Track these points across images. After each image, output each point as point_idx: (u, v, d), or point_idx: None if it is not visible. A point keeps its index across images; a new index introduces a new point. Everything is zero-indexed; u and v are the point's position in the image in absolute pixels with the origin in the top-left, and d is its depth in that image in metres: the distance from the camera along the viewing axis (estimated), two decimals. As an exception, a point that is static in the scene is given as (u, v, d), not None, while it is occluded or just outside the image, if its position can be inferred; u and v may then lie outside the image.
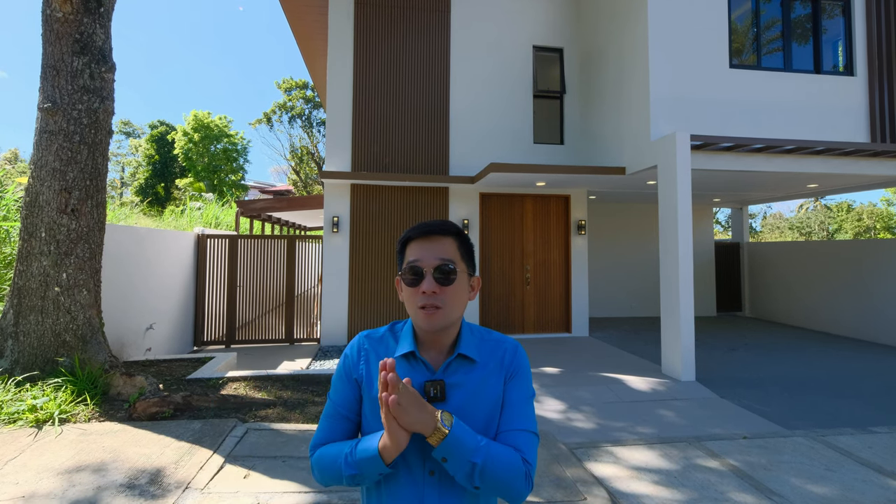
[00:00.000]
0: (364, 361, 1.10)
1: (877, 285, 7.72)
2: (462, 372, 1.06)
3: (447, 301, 1.03)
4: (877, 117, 6.53)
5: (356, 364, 1.10)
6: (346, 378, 1.11)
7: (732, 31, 6.38)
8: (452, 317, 1.05)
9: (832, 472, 3.29)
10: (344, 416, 1.09)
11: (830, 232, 29.90)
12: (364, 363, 1.10)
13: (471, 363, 1.07)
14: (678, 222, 5.30)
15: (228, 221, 12.06)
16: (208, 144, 27.04)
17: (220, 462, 3.03)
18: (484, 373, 1.08)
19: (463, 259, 1.08)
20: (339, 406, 1.10)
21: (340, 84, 7.45)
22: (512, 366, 1.10)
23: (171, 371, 4.90)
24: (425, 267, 1.03)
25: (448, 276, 1.03)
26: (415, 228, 1.08)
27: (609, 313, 9.83)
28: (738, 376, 5.57)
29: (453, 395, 1.04)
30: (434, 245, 1.05)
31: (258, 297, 7.44)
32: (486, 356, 1.09)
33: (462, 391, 1.04)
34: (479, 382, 1.06)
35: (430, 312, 1.01)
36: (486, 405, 1.05)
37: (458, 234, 1.09)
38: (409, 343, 1.07)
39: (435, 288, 1.01)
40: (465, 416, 1.02)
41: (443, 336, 1.07)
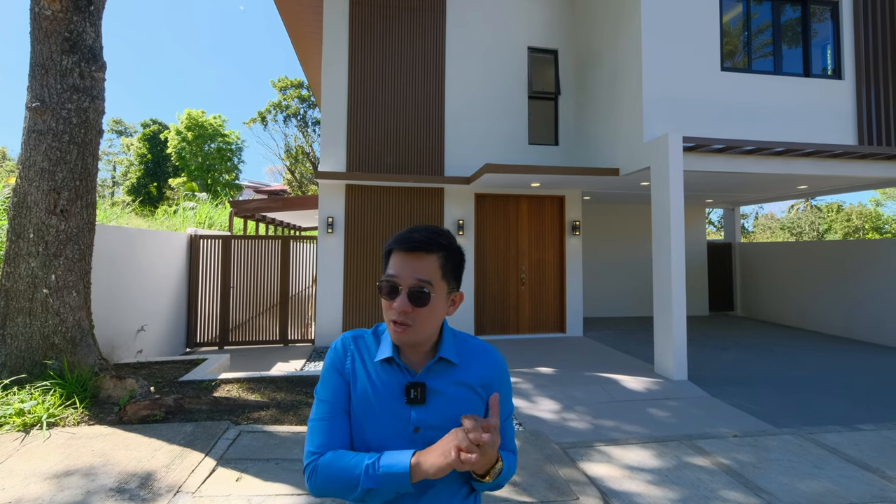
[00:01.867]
0: (350, 361, 1.10)
1: (862, 285, 7.83)
2: (443, 375, 1.08)
3: (419, 320, 1.03)
4: (864, 120, 6.62)
5: (343, 360, 1.10)
6: (336, 372, 1.10)
7: (724, 34, 6.44)
8: (423, 334, 1.06)
9: (819, 469, 3.34)
10: (342, 409, 1.07)
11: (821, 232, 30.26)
12: (350, 362, 1.10)
13: (451, 366, 1.09)
14: (671, 223, 5.34)
15: (222, 221, 11.98)
16: (202, 144, 26.82)
17: (212, 465, 3.01)
18: (463, 377, 1.10)
19: (444, 277, 1.07)
20: (335, 402, 1.08)
21: (335, 84, 7.43)
22: (497, 383, 1.13)
23: (163, 373, 4.86)
24: (401, 284, 1.03)
25: (421, 298, 1.02)
26: (401, 240, 1.05)
27: (603, 313, 9.88)
28: (730, 375, 5.62)
29: (433, 400, 1.06)
30: (415, 262, 1.04)
31: (252, 298, 7.39)
32: (467, 360, 1.12)
33: (442, 397, 1.06)
34: (458, 389, 1.08)
35: (401, 329, 1.03)
36: (464, 409, 1.06)
37: (444, 249, 1.07)
38: (388, 348, 1.08)
39: (407, 307, 1.01)
40: (444, 421, 1.04)
41: (418, 345, 1.09)
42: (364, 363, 1.09)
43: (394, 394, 1.06)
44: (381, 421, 1.05)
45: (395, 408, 1.05)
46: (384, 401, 1.05)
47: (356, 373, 1.08)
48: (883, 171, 6.26)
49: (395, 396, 1.06)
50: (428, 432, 1.04)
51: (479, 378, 1.11)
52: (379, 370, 1.08)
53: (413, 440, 1.04)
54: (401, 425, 1.04)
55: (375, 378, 1.07)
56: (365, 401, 1.06)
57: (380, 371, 1.08)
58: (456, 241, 1.12)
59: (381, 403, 1.05)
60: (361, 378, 1.08)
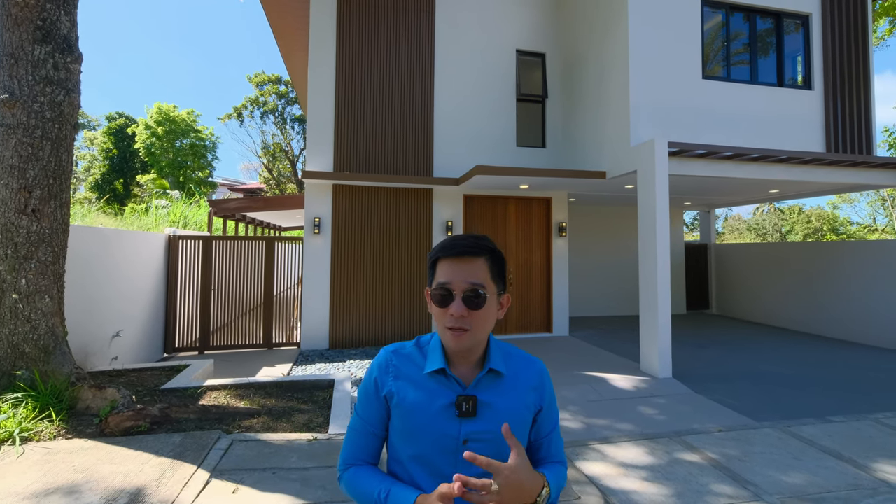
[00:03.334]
0: (393, 378, 1.11)
1: (826, 285, 8.24)
2: (492, 387, 1.09)
3: (475, 324, 1.04)
4: (831, 129, 6.96)
5: (384, 380, 1.11)
6: (374, 395, 1.12)
7: (705, 44, 6.65)
8: (480, 338, 1.07)
9: (798, 460, 3.49)
10: (372, 433, 1.12)
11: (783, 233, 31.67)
12: (393, 379, 1.11)
13: (500, 377, 1.10)
14: (656, 225, 5.47)
15: (198, 221, 11.59)
16: (173, 139, 25.85)
17: (206, 477, 2.90)
18: (512, 389, 1.11)
19: (493, 280, 1.08)
20: (368, 423, 1.12)
21: (322, 83, 7.29)
22: (544, 394, 1.15)
23: (143, 381, 4.67)
24: (455, 290, 1.03)
25: (477, 301, 1.03)
26: (447, 246, 1.07)
27: (587, 313, 10.05)
28: (710, 372, 5.81)
29: (484, 413, 1.07)
30: (465, 266, 1.05)
31: (234, 300, 7.18)
32: (514, 371, 1.13)
33: (492, 410, 1.07)
34: (507, 400, 1.09)
35: (458, 335, 1.03)
36: (514, 421, 1.08)
37: (490, 252, 1.09)
38: (439, 359, 1.08)
39: (463, 311, 1.02)
40: (493, 434, 1.05)
41: (471, 353, 1.09)
42: (409, 378, 1.10)
43: (443, 406, 1.06)
44: (429, 433, 1.05)
45: (444, 421, 1.05)
46: (432, 414, 1.06)
47: (399, 389, 1.09)
48: (848, 178, 6.58)
49: (444, 409, 1.06)
50: (476, 445, 1.04)
51: (526, 389, 1.13)
52: (428, 383, 1.08)
53: (459, 453, 1.04)
54: (448, 438, 1.05)
55: (423, 392, 1.08)
56: (411, 414, 1.07)
57: (428, 384, 1.08)
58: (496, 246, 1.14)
59: (428, 416, 1.06)
60: (407, 393, 1.08)
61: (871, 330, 7.46)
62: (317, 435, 3.53)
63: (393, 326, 7.37)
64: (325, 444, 3.41)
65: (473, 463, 0.91)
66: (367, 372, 1.16)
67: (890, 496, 3.00)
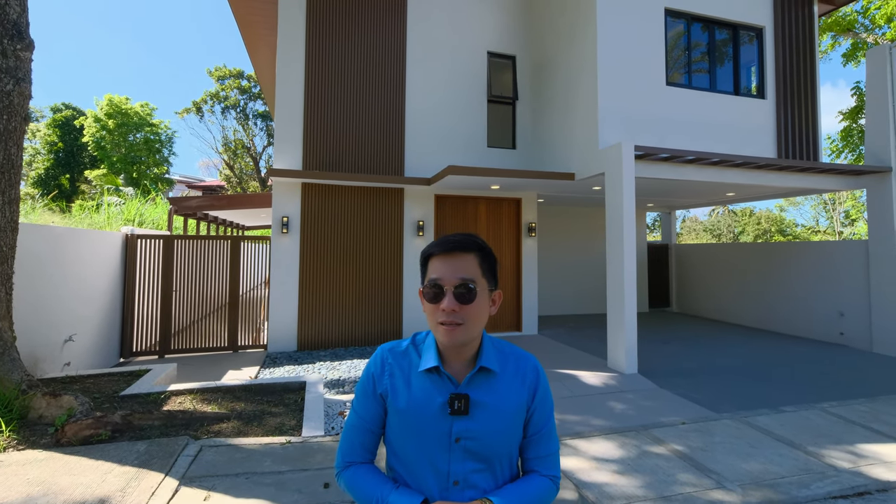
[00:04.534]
0: (389, 375, 1.13)
1: (776, 283, 8.77)
2: (485, 385, 1.10)
3: (467, 318, 1.05)
4: (782, 136, 7.42)
5: (380, 378, 1.13)
6: (371, 393, 1.14)
7: (668, 52, 6.94)
8: (473, 333, 1.08)
9: (755, 449, 3.71)
10: (369, 429, 1.15)
11: (736, 234, 33.48)
12: (389, 377, 1.13)
13: (493, 375, 1.11)
14: (623, 225, 5.67)
15: (155, 219, 11.07)
16: (126, 133, 24.50)
17: (175, 485, 2.78)
18: (505, 387, 1.12)
19: (484, 275, 1.10)
20: (365, 420, 1.15)
21: (291, 78, 7.12)
22: (537, 390, 1.15)
23: (100, 387, 4.42)
24: (446, 285, 1.05)
25: (468, 295, 1.05)
26: (437, 244, 1.09)
27: (555, 311, 10.26)
28: (672, 367, 6.06)
29: (475, 411, 1.08)
30: (456, 262, 1.06)
31: (197, 302, 6.89)
32: (506, 368, 1.14)
33: (484, 409, 1.08)
34: (499, 399, 1.10)
35: (451, 329, 1.04)
36: (506, 419, 1.10)
37: (480, 249, 1.11)
38: (433, 357, 1.09)
39: (455, 306, 1.04)
40: (485, 432, 1.08)
41: (464, 350, 1.10)
42: (405, 376, 1.12)
43: (436, 404, 1.07)
44: (423, 431, 1.07)
45: (437, 418, 1.07)
46: (425, 412, 1.08)
47: (395, 387, 1.11)
48: (796, 182, 7.04)
49: (437, 407, 1.07)
50: (468, 443, 1.07)
51: (520, 388, 1.14)
52: (422, 381, 1.10)
53: (452, 450, 1.06)
54: (442, 436, 1.06)
55: (417, 390, 1.10)
56: (406, 413, 1.09)
57: (423, 382, 1.10)
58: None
59: (422, 415, 1.08)
60: (401, 391, 1.11)
61: (813, 326, 8.00)
62: (290, 438, 3.46)
63: (364, 327, 7.29)
64: (300, 448, 3.34)
65: None
66: (364, 370, 1.19)
67: (836, 479, 3.23)
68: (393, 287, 7.47)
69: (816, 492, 3.08)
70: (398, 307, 7.49)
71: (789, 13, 7.66)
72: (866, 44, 13.86)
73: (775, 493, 3.04)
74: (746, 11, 7.37)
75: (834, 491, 3.11)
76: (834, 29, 14.07)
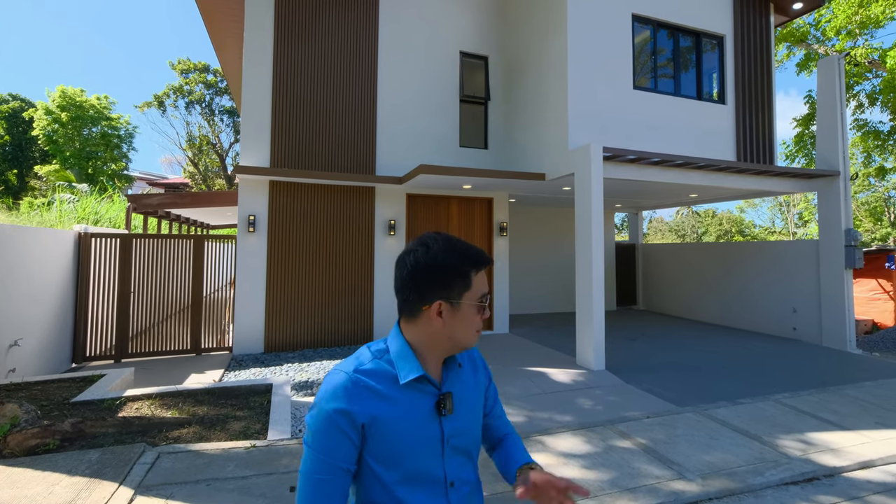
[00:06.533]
0: (369, 402, 1.00)
1: (731, 281, 9.17)
2: (457, 380, 1.13)
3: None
4: (741, 141, 7.75)
5: (358, 408, 0.99)
6: (347, 428, 0.98)
7: (636, 56, 7.13)
8: None
9: (715, 440, 3.85)
10: (344, 469, 1.00)
11: (699, 234, 34.81)
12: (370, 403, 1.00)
13: (460, 368, 1.15)
14: (592, 225, 5.79)
15: (112, 217, 10.56)
16: (81, 127, 23.23)
17: (130, 495, 2.65)
18: (468, 376, 1.17)
19: None
20: (339, 460, 0.98)
21: (259, 74, 6.92)
22: (486, 368, 1.27)
23: (49, 394, 4.18)
24: (487, 296, 1.12)
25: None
26: (478, 259, 1.10)
27: (525, 310, 10.38)
28: (638, 363, 6.23)
29: (457, 408, 1.10)
30: (485, 274, 1.14)
31: (157, 303, 6.60)
32: (464, 359, 1.19)
33: (462, 403, 1.11)
34: (469, 389, 1.15)
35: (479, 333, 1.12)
36: (477, 407, 1.17)
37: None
38: (417, 366, 1.04)
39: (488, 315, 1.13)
40: (466, 424, 1.10)
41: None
42: (386, 395, 1.02)
43: (423, 412, 1.04)
44: (418, 445, 1.03)
45: (428, 426, 1.04)
46: (417, 423, 1.03)
47: (380, 412, 1.00)
48: (754, 184, 7.36)
49: (425, 414, 1.04)
50: (456, 440, 1.07)
51: (477, 372, 1.21)
52: (405, 394, 1.03)
53: (445, 453, 1.06)
54: (434, 442, 1.05)
55: (404, 404, 1.03)
56: (398, 433, 1.01)
57: (406, 394, 1.04)
58: None
59: (415, 428, 1.03)
60: (385, 411, 1.00)
61: (769, 322, 8.39)
62: (255, 442, 3.35)
63: (333, 328, 7.17)
64: (265, 451, 3.24)
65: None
66: (323, 403, 0.99)
67: (788, 466, 3.39)
68: (364, 287, 7.38)
69: (770, 479, 3.23)
70: (369, 307, 7.40)
71: (748, 23, 8.01)
72: (818, 54, 14.65)
73: (732, 482, 3.16)
74: (708, 20, 7.66)
75: (786, 478, 3.26)
76: (789, 39, 14.80)
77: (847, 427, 4.11)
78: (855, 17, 12.57)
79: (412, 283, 1.05)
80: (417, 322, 1.06)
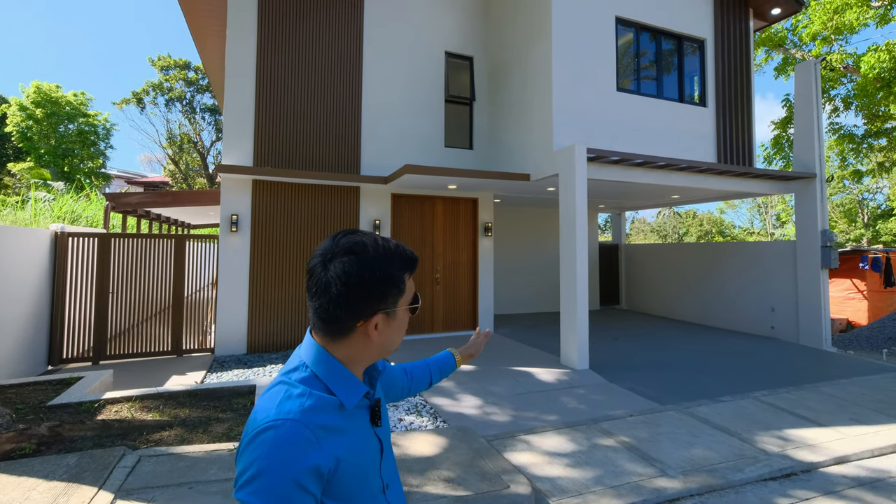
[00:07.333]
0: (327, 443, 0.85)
1: (711, 281, 9.36)
2: (378, 383, 1.07)
3: None
4: (722, 143, 7.91)
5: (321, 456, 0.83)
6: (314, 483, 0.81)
7: (619, 58, 7.23)
8: None
9: (696, 437, 3.93)
10: None
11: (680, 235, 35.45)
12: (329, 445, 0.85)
13: (379, 373, 1.08)
14: (576, 225, 5.85)
15: (90, 216, 10.29)
16: (56, 123, 22.58)
17: (110, 499, 2.59)
18: (381, 377, 1.15)
19: None
20: None
21: (241, 71, 6.83)
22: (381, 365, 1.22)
23: (24, 397, 4.06)
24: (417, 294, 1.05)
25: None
26: (411, 260, 0.99)
27: (510, 310, 10.44)
28: (622, 362, 6.32)
29: (382, 411, 1.06)
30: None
31: (137, 304, 6.46)
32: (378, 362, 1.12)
33: (382, 406, 1.06)
34: (381, 390, 1.12)
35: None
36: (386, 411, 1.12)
37: None
38: (358, 384, 0.94)
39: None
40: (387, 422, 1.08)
41: None
42: (339, 428, 0.89)
43: (365, 428, 0.96)
44: (370, 468, 0.94)
45: (371, 441, 0.97)
46: (365, 444, 0.94)
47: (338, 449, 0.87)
48: (734, 186, 7.53)
49: (366, 430, 0.96)
50: (386, 446, 1.02)
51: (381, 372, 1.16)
52: (350, 417, 0.93)
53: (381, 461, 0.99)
54: (375, 454, 0.97)
55: (353, 430, 0.92)
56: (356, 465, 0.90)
57: (351, 418, 0.93)
58: None
59: (364, 450, 0.94)
60: (345, 446, 0.88)
61: (748, 321, 8.59)
62: (238, 444, 3.31)
63: (320, 328, 7.10)
64: (249, 454, 3.20)
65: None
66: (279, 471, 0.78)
67: (767, 462, 3.48)
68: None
69: (749, 475, 3.31)
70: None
71: (728, 27, 8.19)
72: (795, 59, 15.05)
73: (713, 478, 3.23)
74: (690, 24, 7.80)
75: (765, 474, 3.34)
76: (767, 44, 15.17)
77: (823, 423, 4.22)
78: (830, 24, 12.94)
79: (344, 301, 0.89)
80: (348, 339, 0.93)
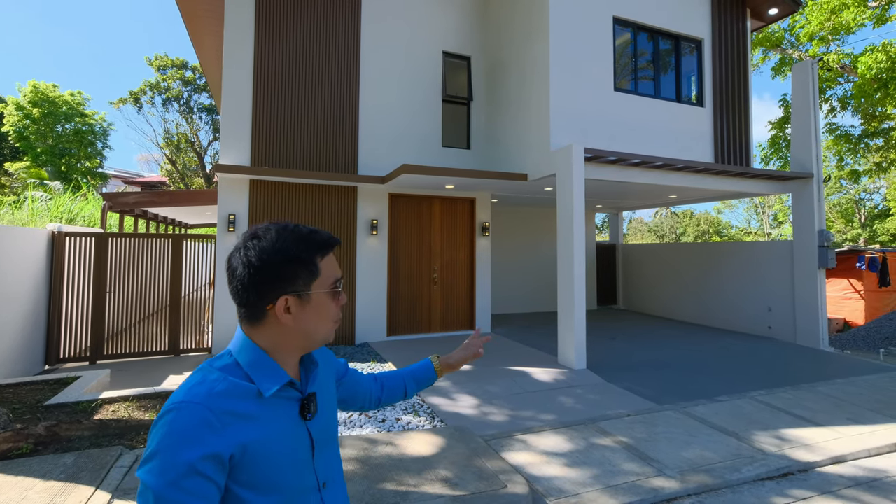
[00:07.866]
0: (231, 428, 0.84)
1: (708, 281, 9.38)
2: (316, 377, 1.05)
3: None
4: (719, 143, 7.93)
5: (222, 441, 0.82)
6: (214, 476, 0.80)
7: (616, 58, 7.23)
8: None
9: (693, 437, 3.94)
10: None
11: (678, 235, 35.52)
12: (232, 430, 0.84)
13: (315, 366, 1.06)
14: (573, 225, 5.85)
15: (87, 216, 10.27)
16: (53, 123, 22.50)
17: (107, 499, 2.59)
18: (324, 374, 1.10)
19: None
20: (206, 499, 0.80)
21: (239, 72, 6.81)
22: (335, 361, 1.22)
23: (21, 397, 4.05)
24: (341, 280, 1.02)
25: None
26: (325, 241, 0.98)
27: (507, 310, 10.45)
28: (619, 362, 6.33)
29: (319, 407, 1.02)
30: (334, 259, 1.02)
31: (135, 304, 6.45)
32: (320, 358, 1.10)
33: (321, 401, 1.04)
34: (324, 385, 1.08)
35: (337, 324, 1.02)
36: (333, 400, 1.12)
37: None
38: (280, 373, 0.94)
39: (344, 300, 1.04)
40: (329, 420, 1.05)
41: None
42: (250, 415, 0.88)
43: (291, 422, 0.95)
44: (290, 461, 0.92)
45: (297, 435, 0.95)
46: (287, 436, 0.92)
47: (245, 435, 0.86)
48: (731, 186, 7.55)
49: (293, 423, 0.95)
50: (321, 437, 1.00)
51: (328, 367, 1.14)
52: (270, 406, 0.92)
53: (315, 457, 0.98)
54: (305, 449, 0.96)
55: (271, 420, 0.91)
56: (269, 455, 0.88)
57: (269, 406, 0.92)
58: None
59: (286, 443, 0.92)
60: (254, 434, 0.87)
61: (745, 320, 8.61)
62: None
63: (318, 328, 7.10)
64: (246, 455, 3.20)
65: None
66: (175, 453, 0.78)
67: (764, 462, 3.49)
68: (344, 286, 7.33)
69: (747, 475, 3.32)
70: (350, 306, 7.37)
71: (725, 27, 8.21)
72: (792, 59, 15.09)
73: (710, 478, 3.24)
74: (687, 24, 7.82)
75: (762, 473, 3.36)
76: (764, 44, 15.21)
77: (820, 423, 4.24)
78: (827, 24, 12.97)
79: (249, 283, 0.91)
80: (264, 325, 0.93)
